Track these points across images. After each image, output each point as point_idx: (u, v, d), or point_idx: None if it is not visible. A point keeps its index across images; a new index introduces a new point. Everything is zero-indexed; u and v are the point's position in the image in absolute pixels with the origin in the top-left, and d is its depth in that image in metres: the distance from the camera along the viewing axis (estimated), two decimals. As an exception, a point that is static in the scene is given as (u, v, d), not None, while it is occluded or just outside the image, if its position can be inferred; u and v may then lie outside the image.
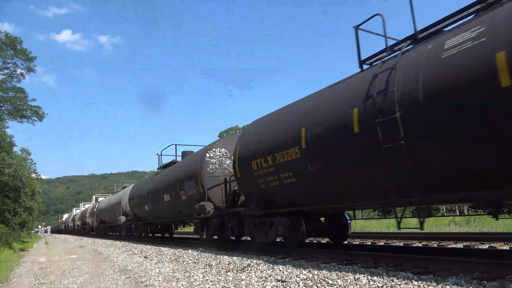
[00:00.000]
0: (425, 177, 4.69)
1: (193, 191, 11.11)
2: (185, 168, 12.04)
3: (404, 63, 4.96)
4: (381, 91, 5.08)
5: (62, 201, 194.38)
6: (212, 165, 10.61)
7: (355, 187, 5.77)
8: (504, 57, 3.73)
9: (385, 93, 4.98)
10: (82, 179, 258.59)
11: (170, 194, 12.95)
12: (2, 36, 23.81)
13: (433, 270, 4.66)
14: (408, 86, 4.69)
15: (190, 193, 11.32)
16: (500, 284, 3.56)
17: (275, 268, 5.53)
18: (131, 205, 18.47)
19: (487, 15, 4.24)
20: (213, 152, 10.79)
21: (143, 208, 16.29)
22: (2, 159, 19.48)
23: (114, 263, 9.00)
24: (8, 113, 25.48)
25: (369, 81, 5.44)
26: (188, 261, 7.61)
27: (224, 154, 10.91)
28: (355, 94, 5.58)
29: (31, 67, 25.58)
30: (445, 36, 4.62)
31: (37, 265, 9.97)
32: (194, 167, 11.16)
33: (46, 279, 7.04)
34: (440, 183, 4.60)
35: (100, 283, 6.12)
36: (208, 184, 10.42)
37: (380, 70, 5.34)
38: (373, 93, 5.19)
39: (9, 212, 22.89)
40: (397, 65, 5.01)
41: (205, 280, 5.39)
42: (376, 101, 5.10)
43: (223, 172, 10.65)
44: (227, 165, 10.86)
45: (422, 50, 4.81)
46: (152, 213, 15.49)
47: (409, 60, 4.90)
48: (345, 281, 4.25)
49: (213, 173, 10.59)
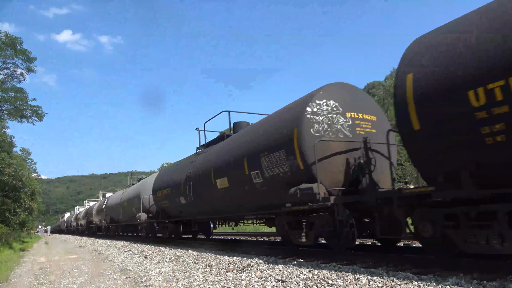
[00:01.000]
0: None
1: (280, 168, 7.15)
2: (263, 135, 7.97)
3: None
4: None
5: (62, 201, 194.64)
6: (318, 125, 6.71)
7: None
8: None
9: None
10: (82, 179, 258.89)
11: (229, 177, 8.91)
12: (2, 36, 23.80)
13: (433, 270, 4.66)
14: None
15: (274, 172, 7.34)
16: (500, 284, 3.56)
17: (275, 268, 5.53)
18: (157, 198, 14.20)
19: None
20: (317, 105, 6.83)
21: (175, 201, 12.30)
22: (2, 159, 19.46)
23: (114, 263, 9.00)
24: (8, 113, 25.48)
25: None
26: (188, 261, 7.61)
27: (335, 109, 6.94)
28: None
29: (31, 67, 25.55)
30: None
31: (37, 265, 9.97)
32: (284, 129, 7.16)
33: (46, 279, 7.03)
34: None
35: (100, 283, 6.12)
36: (313, 155, 6.31)
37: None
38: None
39: (9, 212, 22.88)
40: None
41: (205, 280, 5.39)
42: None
43: (337, 136, 6.73)
44: (341, 125, 6.91)
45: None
46: (191, 207, 11.46)
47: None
48: (345, 281, 4.25)
49: (321, 137, 6.57)
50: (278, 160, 7.16)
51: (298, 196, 6.37)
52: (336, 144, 6.59)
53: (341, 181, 6.52)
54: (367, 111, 7.22)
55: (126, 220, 20.21)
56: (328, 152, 6.51)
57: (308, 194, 6.22)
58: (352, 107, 7.03)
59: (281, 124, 7.36)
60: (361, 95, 7.58)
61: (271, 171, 7.39)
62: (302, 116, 6.69)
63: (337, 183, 6.48)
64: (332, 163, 6.49)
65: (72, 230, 49.44)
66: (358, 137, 6.70)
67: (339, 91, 7.16)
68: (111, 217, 23.92)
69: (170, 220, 13.68)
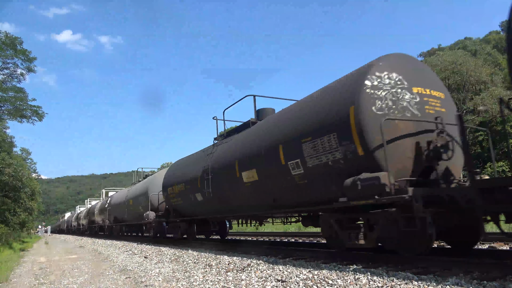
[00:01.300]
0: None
1: (329, 155, 5.83)
2: (304, 117, 6.57)
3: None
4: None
5: (62, 201, 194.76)
6: (381, 102, 5.45)
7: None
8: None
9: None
10: (82, 179, 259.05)
11: (258, 169, 7.65)
12: (2, 36, 23.81)
13: (433, 270, 4.66)
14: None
15: (320, 161, 6.04)
16: (500, 284, 3.56)
17: (275, 268, 5.53)
18: (168, 195, 12.89)
19: None
20: (378, 79, 5.59)
21: (190, 198, 11.08)
22: (2, 159, 19.48)
23: (114, 263, 9.00)
24: (8, 113, 25.49)
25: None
26: (188, 261, 7.61)
27: (399, 83, 5.68)
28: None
29: (31, 67, 25.56)
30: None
31: (37, 265, 9.97)
32: (335, 109, 5.83)
33: (46, 279, 7.03)
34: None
35: (100, 283, 6.12)
36: (376, 138, 5.18)
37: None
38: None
39: (9, 212, 22.89)
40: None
41: (205, 280, 5.39)
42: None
43: (403, 116, 5.50)
44: (408, 102, 5.61)
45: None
46: (209, 205, 10.23)
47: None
48: (345, 281, 4.25)
49: (385, 116, 5.32)
50: (326, 146, 5.88)
51: (358, 189, 5.12)
52: (404, 124, 5.40)
53: (409, 170, 5.31)
54: (434, 87, 6.11)
55: (131, 219, 18.94)
56: (396, 135, 5.26)
57: (373, 185, 4.94)
58: (418, 81, 5.87)
59: (331, 103, 6.01)
60: (425, 68, 6.46)
61: (316, 160, 6.11)
62: (361, 91, 5.44)
63: (404, 173, 5.24)
64: (399, 148, 5.26)
65: (73, 230, 48.19)
66: (428, 116, 5.65)
67: (401, 63, 5.98)
68: (115, 217, 22.70)
69: (182, 219, 12.54)
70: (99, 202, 31.15)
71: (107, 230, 26.16)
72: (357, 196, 5.21)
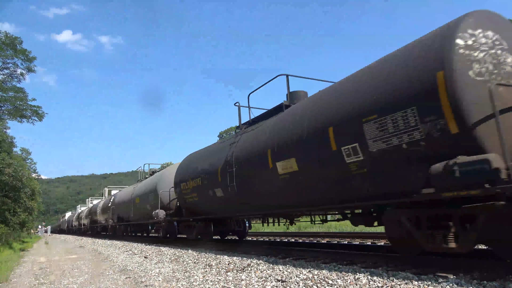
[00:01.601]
0: None
1: (404, 137, 4.58)
2: (366, 89, 5.24)
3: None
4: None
5: (62, 201, 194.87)
6: (480, 66, 4.33)
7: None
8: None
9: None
10: (82, 179, 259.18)
11: (298, 158, 6.36)
12: (2, 36, 23.82)
13: (433, 270, 4.66)
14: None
15: (389, 144, 4.78)
16: (500, 284, 3.56)
17: (275, 268, 5.53)
18: (182, 192, 11.57)
19: None
20: (472, 37, 4.41)
21: (208, 194, 9.75)
22: (2, 159, 19.48)
23: (114, 263, 9.00)
24: (8, 113, 25.50)
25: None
26: (188, 261, 7.61)
27: (497, 43, 4.56)
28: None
29: (31, 67, 25.59)
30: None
31: (37, 265, 9.97)
32: (415, 76, 4.54)
33: (46, 279, 7.03)
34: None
35: (100, 283, 6.12)
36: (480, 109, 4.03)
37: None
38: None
39: (9, 212, 22.89)
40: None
41: (205, 280, 5.39)
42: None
43: (507, 82, 4.39)
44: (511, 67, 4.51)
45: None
46: (232, 201, 8.86)
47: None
48: (345, 281, 4.25)
49: (486, 81, 4.22)
50: (400, 124, 4.64)
51: (455, 176, 3.95)
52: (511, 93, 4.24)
53: None
54: None
55: (138, 218, 17.61)
56: (502, 107, 4.07)
57: (481, 171, 3.75)
58: None
59: (406, 70, 4.74)
60: None
61: (383, 143, 4.87)
62: (453, 51, 4.23)
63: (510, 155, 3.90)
64: (508, 124, 4.11)
65: (73, 230, 46.94)
66: None
67: (494, 21, 4.74)
68: (118, 216, 21.20)
69: (197, 218, 11.38)
70: (101, 201, 29.80)
71: (111, 230, 24.99)
72: (452, 186, 4.04)
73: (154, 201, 14.72)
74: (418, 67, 4.57)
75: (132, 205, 18.11)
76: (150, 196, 15.38)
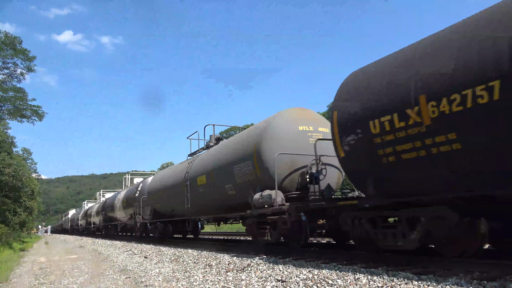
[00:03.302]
0: None
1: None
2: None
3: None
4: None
5: (62, 201, 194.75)
6: None
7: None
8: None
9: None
10: (82, 179, 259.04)
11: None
12: (2, 36, 23.81)
13: (433, 270, 4.66)
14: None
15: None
16: (500, 284, 3.56)
17: (275, 268, 5.53)
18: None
19: None
20: None
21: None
22: (2, 159, 19.47)
23: (114, 263, 9.00)
24: (8, 113, 25.50)
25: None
26: (188, 261, 7.61)
27: None
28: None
29: (31, 67, 25.58)
30: None
31: (37, 265, 9.97)
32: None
33: (46, 279, 7.03)
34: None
35: (100, 283, 6.12)
36: None
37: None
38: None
39: (9, 212, 22.88)
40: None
41: (205, 280, 5.39)
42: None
43: None
44: None
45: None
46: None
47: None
48: (345, 281, 4.25)
49: None
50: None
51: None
52: None
53: None
54: None
55: (182, 212, 16.08)
56: None
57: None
58: None
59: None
60: None
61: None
62: None
63: None
64: None
65: (79, 230, 39.79)
66: None
67: None
68: (155, 210, 18.25)
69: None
70: (122, 192, 23.38)
71: (144, 230, 18.20)
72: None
73: (214, 185, 14.41)
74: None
75: (178, 190, 13.70)
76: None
